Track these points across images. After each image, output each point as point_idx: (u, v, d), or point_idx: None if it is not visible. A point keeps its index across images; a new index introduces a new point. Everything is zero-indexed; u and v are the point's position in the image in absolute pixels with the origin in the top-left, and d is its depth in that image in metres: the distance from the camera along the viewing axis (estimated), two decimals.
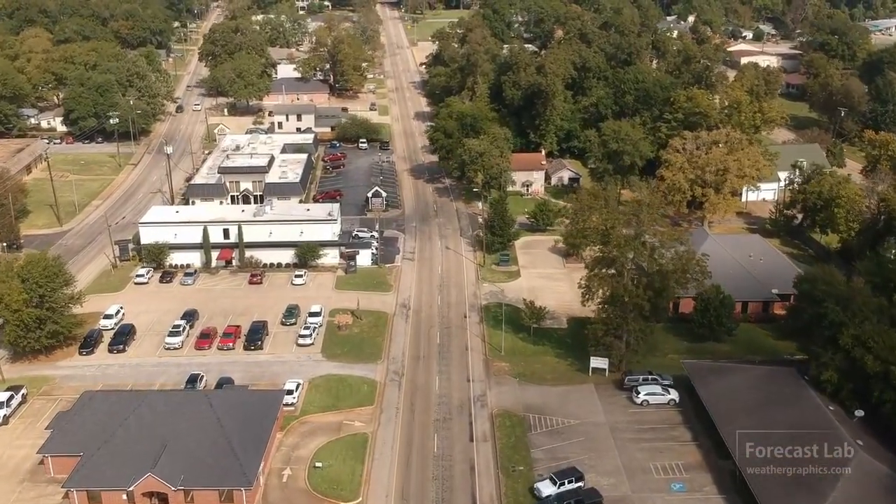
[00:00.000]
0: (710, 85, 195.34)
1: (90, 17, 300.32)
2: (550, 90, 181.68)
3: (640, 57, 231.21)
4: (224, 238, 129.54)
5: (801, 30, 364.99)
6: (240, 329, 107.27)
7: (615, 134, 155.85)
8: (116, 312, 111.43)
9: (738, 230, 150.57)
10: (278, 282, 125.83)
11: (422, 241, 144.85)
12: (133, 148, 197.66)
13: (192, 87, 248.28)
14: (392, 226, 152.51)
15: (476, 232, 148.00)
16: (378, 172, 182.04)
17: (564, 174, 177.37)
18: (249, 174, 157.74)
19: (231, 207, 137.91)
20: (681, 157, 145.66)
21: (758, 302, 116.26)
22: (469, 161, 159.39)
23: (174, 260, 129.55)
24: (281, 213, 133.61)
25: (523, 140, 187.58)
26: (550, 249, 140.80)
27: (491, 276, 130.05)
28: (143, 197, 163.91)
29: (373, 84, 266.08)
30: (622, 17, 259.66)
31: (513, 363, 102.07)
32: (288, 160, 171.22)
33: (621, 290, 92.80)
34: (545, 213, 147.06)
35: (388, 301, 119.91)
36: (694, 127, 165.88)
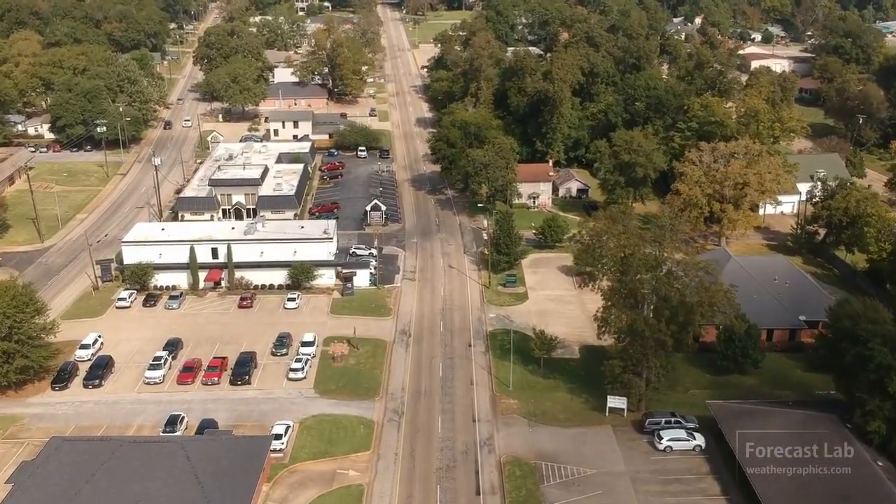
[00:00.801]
0: (724, 91, 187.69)
1: (83, 19, 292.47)
2: (558, 97, 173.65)
3: (648, 61, 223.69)
4: (212, 258, 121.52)
5: (811, 32, 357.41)
6: (226, 361, 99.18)
7: (627, 144, 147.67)
8: (94, 342, 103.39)
9: (757, 247, 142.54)
10: (270, 305, 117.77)
11: (423, 259, 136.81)
12: (122, 156, 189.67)
13: (182, 100, 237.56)
14: (392, 242, 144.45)
15: (480, 248, 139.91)
16: (377, 183, 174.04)
17: (573, 185, 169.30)
18: (242, 187, 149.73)
19: (220, 224, 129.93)
20: (697, 169, 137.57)
21: (784, 329, 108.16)
22: (473, 173, 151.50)
23: (159, 281, 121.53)
24: (273, 230, 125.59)
25: (529, 149, 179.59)
26: (560, 269, 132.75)
27: (497, 298, 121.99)
28: (129, 210, 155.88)
29: (373, 88, 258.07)
30: (630, 20, 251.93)
31: (522, 400, 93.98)
32: (283, 171, 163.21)
33: (641, 323, 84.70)
34: (554, 229, 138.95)
35: (387, 327, 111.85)
36: (709, 137, 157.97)
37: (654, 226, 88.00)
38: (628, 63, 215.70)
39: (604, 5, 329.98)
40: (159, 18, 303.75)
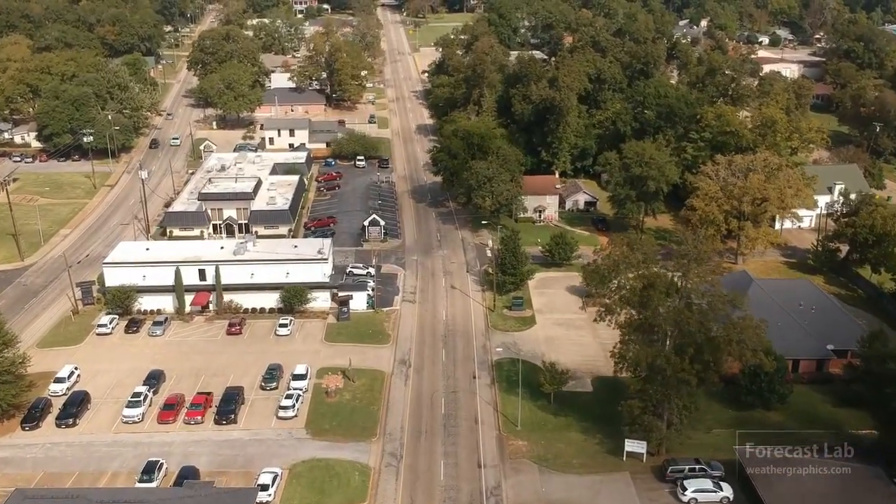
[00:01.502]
0: (737, 99, 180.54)
1: (76, 22, 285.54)
2: (564, 106, 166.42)
3: (656, 66, 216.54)
4: (200, 280, 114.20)
5: (819, 35, 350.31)
6: (211, 397, 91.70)
7: (638, 157, 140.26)
8: (69, 375, 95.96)
9: (775, 265, 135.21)
10: (260, 331, 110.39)
11: (424, 279, 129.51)
12: (111, 166, 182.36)
13: (172, 115, 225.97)
14: (391, 259, 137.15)
15: (484, 267, 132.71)
16: (376, 195, 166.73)
17: (580, 198, 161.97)
18: (233, 201, 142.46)
19: (208, 244, 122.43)
20: (713, 184, 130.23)
21: (811, 360, 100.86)
22: (476, 186, 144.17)
23: (143, 305, 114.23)
24: (265, 250, 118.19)
25: (534, 158, 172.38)
26: (568, 289, 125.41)
27: (502, 323, 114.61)
28: (116, 225, 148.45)
29: (372, 94, 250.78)
30: (637, 24, 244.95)
31: (532, 441, 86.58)
32: (277, 183, 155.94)
33: (663, 361, 77.34)
34: (562, 247, 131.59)
35: (385, 356, 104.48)
36: (723, 148, 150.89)
37: (677, 254, 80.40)
38: (635, 68, 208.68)
39: (608, 8, 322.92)
40: (154, 21, 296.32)
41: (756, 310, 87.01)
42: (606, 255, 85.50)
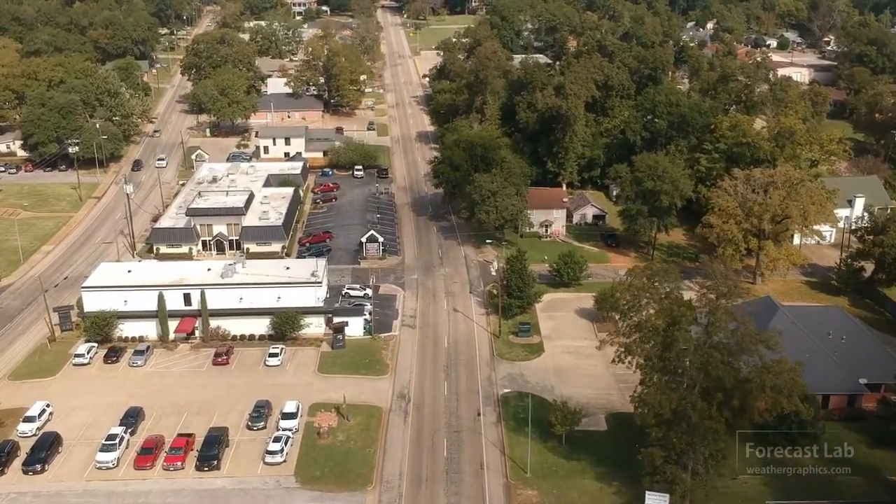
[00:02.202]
0: (751, 107, 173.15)
1: (68, 25, 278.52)
2: (571, 114, 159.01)
3: (664, 71, 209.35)
4: (185, 304, 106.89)
5: (828, 37, 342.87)
6: (192, 440, 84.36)
7: (650, 170, 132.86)
8: (41, 413, 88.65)
9: (796, 285, 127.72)
10: (249, 360, 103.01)
11: (424, 300, 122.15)
12: (99, 176, 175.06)
13: (159, 132, 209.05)
14: (390, 278, 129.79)
15: (489, 287, 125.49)
16: (374, 208, 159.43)
17: (588, 211, 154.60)
18: (223, 216, 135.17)
19: (194, 266, 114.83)
20: (731, 200, 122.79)
21: (842, 395, 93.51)
22: (480, 201, 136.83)
23: (124, 331, 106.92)
24: (255, 272, 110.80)
25: (539, 169, 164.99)
26: (578, 312, 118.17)
27: (509, 350, 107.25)
28: (100, 242, 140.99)
29: (371, 100, 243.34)
30: (644, 27, 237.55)
31: (542, 491, 79.20)
32: (271, 196, 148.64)
33: (688, 407, 69.96)
34: (571, 266, 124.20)
35: (383, 389, 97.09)
36: (738, 159, 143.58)
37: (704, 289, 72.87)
38: (643, 74, 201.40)
39: (613, 10, 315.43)
40: (148, 24, 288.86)
41: (784, 340, 79.67)
42: (625, 288, 77.83)
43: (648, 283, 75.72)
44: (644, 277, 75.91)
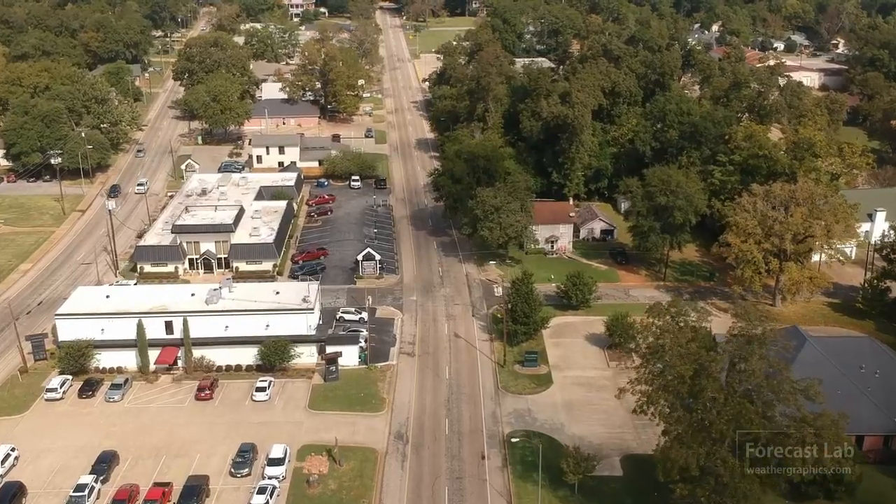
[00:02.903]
0: (765, 115, 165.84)
1: (58, 28, 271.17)
2: (578, 124, 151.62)
3: (672, 77, 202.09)
4: (166, 333, 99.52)
5: (836, 40, 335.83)
6: (170, 490, 76.93)
7: (663, 185, 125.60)
8: (4, 459, 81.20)
9: (818, 307, 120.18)
10: (235, 394, 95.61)
11: (424, 324, 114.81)
12: (84, 188, 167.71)
13: (143, 152, 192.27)
14: (387, 300, 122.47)
15: (492, 309, 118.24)
16: (372, 222, 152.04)
17: (596, 225, 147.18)
18: (211, 234, 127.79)
19: (178, 290, 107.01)
20: (751, 218, 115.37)
21: (877, 436, 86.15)
22: (482, 217, 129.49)
23: (102, 362, 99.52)
24: (242, 297, 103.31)
25: (544, 180, 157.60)
26: (588, 338, 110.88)
27: (514, 382, 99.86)
28: (82, 260, 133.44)
29: (369, 105, 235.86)
30: (651, 31, 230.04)
31: None
32: (262, 210, 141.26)
33: (718, 463, 62.64)
34: (579, 288, 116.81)
35: (379, 428, 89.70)
36: (754, 172, 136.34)
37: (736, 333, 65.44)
38: (650, 79, 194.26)
39: (617, 13, 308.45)
40: (140, 27, 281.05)
41: (812, 374, 72.34)
42: (646, 328, 70.33)
43: (672, 323, 68.18)
44: (667, 316, 68.41)
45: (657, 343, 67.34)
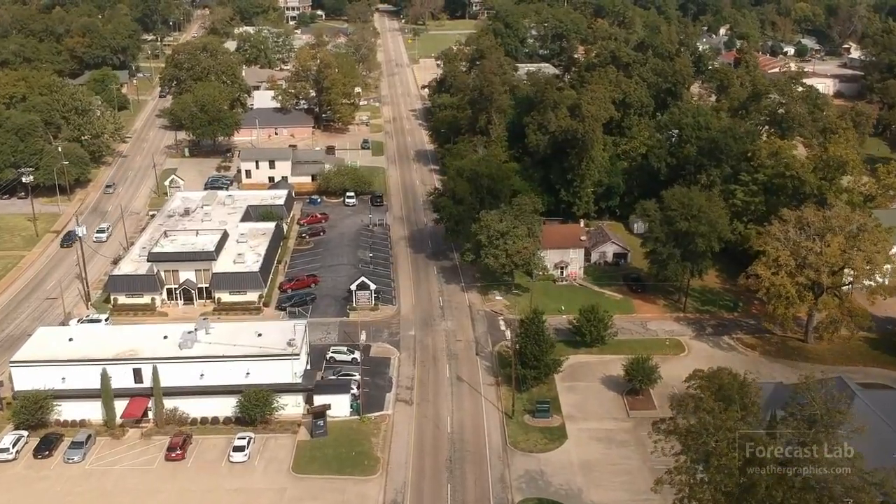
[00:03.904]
0: (787, 129, 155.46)
1: (42, 32, 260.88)
2: (588, 139, 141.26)
3: (685, 85, 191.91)
4: (135, 381, 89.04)
5: (848, 44, 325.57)
6: None
7: (684, 208, 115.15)
8: None
9: (855, 345, 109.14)
10: (211, 453, 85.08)
11: (423, 365, 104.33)
12: (61, 206, 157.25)
13: (113, 187, 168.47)
14: (383, 335, 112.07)
15: (498, 347, 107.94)
16: (367, 244, 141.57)
17: (608, 249, 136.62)
18: (191, 262, 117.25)
19: (149, 332, 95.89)
20: (783, 249, 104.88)
21: None
22: (487, 242, 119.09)
23: (63, 414, 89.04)
24: (220, 340, 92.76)
25: (551, 198, 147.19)
26: (604, 381, 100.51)
27: (524, 437, 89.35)
28: (49, 292, 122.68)
29: (366, 114, 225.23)
30: (660, 36, 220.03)
31: None
32: (249, 233, 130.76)
33: None
34: (594, 324, 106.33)
35: (372, 496, 79.15)
36: (779, 192, 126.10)
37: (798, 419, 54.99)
38: (661, 88, 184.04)
39: (623, 16, 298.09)
40: (129, 31, 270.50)
41: (864, 436, 62.01)
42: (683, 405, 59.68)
43: (719, 409, 57.24)
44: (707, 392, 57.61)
45: (698, 425, 56.65)
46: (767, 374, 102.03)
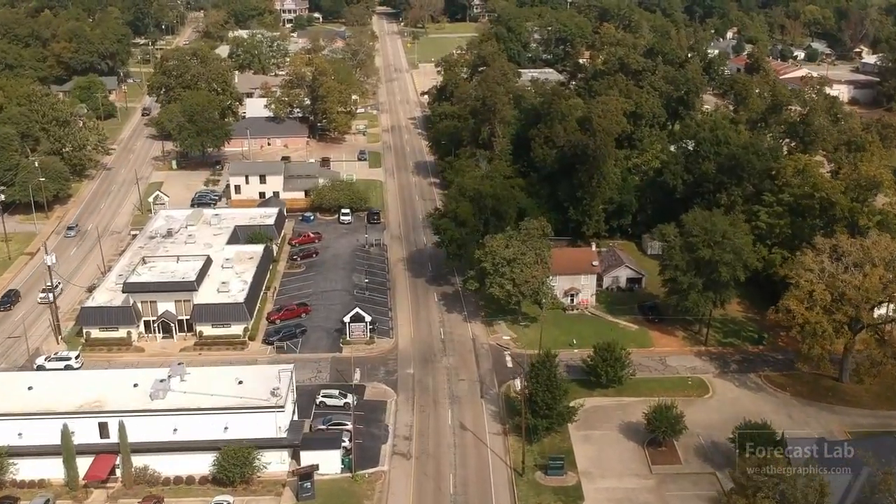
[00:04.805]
0: (809, 143, 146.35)
1: (28, 37, 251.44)
2: (600, 154, 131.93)
3: (697, 94, 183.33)
4: (100, 437, 79.65)
5: (859, 48, 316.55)
6: None
7: (707, 234, 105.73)
8: None
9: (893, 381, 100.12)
10: None
11: (422, 410, 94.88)
12: (37, 225, 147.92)
13: (75, 230, 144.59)
14: (379, 373, 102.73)
15: (504, 387, 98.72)
16: (363, 266, 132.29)
17: (621, 273, 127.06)
18: (170, 292, 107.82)
19: (116, 380, 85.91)
20: (817, 279, 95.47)
21: None
22: (492, 271, 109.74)
23: (20, 472, 79.60)
24: (195, 388, 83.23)
25: (559, 216, 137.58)
26: (622, 429, 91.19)
27: (535, 499, 79.97)
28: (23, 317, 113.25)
29: (363, 123, 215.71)
30: (671, 43, 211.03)
31: None
32: (235, 258, 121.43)
33: None
34: (610, 364, 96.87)
35: None
36: (805, 213, 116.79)
37: None
38: (672, 97, 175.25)
39: (629, 20, 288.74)
40: (118, 36, 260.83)
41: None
42: None
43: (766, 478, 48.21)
44: None
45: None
46: (801, 420, 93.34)
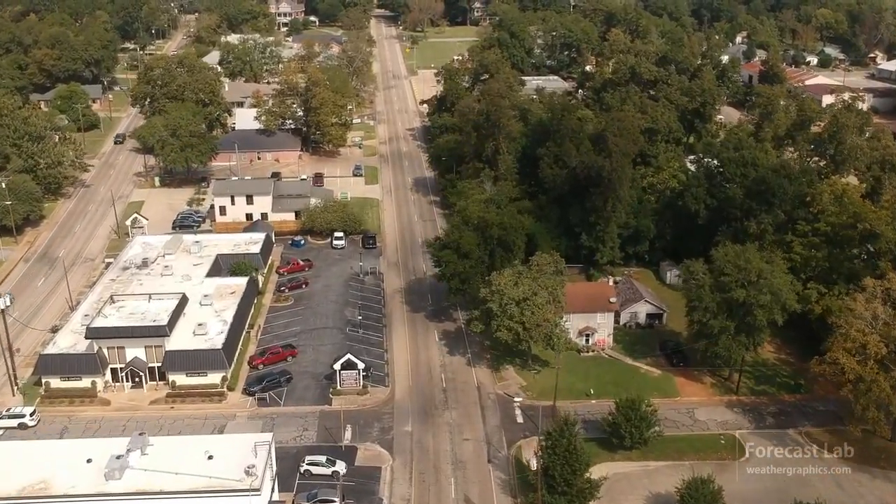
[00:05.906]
0: (840, 163, 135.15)
1: (9, 43, 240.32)
2: (616, 177, 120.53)
3: (714, 106, 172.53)
4: None
5: (874, 53, 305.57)
6: None
7: (740, 273, 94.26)
8: None
9: None
10: None
11: (422, 480, 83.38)
12: (4, 251, 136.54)
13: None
14: (373, 431, 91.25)
15: (514, 449, 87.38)
16: (357, 300, 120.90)
17: (640, 309, 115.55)
18: (139, 338, 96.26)
19: (67, 455, 73.53)
20: (869, 330, 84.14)
21: None
22: (500, 312, 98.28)
23: None
24: (157, 464, 71.54)
25: (570, 242, 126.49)
26: (650, 501, 79.74)
27: None
28: None
29: (359, 135, 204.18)
30: (684, 50, 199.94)
31: None
32: (215, 293, 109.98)
33: None
34: (635, 424, 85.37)
35: None
36: (843, 244, 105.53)
37: None
38: (688, 109, 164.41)
39: (637, 25, 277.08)
40: (103, 42, 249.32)
41: None
42: None
43: None
44: None
45: None
46: (853, 491, 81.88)
